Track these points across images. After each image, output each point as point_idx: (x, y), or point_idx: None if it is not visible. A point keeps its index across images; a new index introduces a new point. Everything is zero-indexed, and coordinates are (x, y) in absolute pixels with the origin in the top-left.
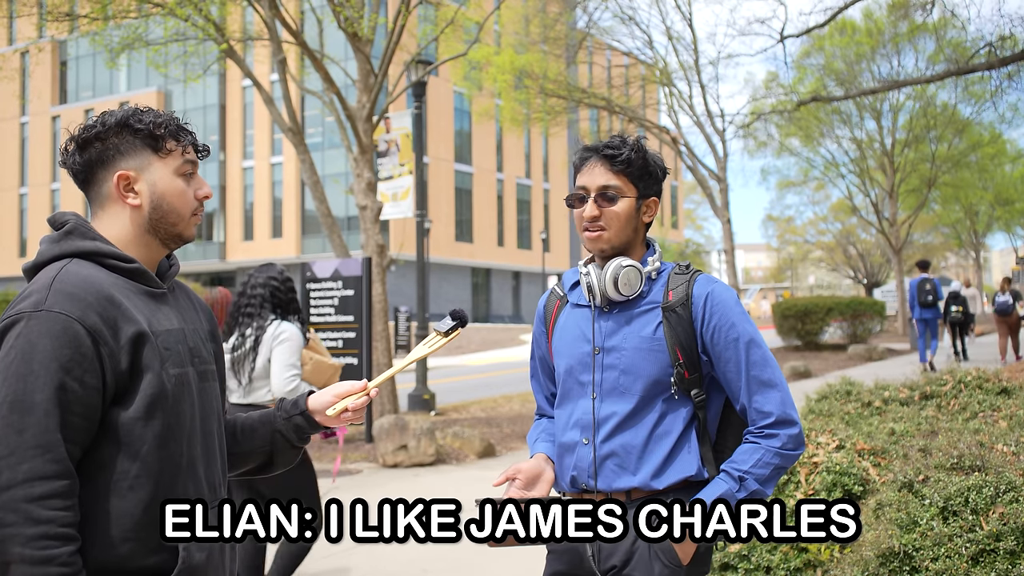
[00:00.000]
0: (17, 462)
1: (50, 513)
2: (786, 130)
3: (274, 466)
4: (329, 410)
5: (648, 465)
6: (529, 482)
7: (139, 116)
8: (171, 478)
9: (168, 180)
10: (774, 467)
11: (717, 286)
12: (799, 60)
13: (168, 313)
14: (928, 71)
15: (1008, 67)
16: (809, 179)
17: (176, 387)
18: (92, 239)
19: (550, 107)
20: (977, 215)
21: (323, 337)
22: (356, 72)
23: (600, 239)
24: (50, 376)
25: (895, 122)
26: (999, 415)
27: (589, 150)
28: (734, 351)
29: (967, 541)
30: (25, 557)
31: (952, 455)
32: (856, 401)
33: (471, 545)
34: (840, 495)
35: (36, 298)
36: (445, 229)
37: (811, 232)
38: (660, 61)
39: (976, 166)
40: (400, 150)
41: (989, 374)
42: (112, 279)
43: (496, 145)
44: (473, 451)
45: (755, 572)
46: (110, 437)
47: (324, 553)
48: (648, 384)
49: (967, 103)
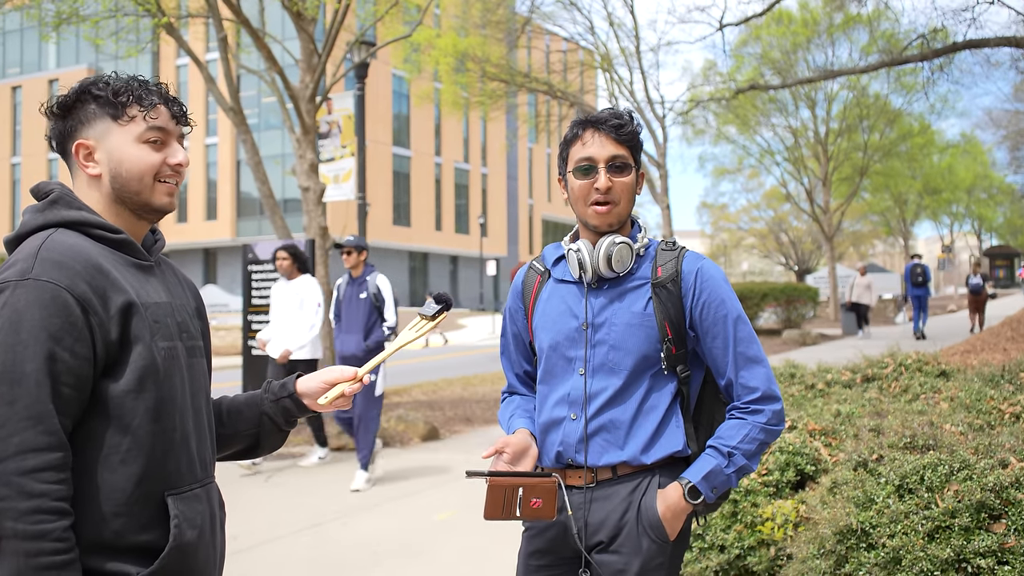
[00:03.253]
0: (8, 434)
1: (43, 486)
2: (723, 118)
3: (260, 449)
4: (321, 398)
5: (636, 440)
6: (516, 456)
7: (102, 82)
8: (163, 453)
9: (126, 147)
10: (760, 442)
11: (706, 263)
12: (737, 49)
13: (156, 286)
14: (862, 62)
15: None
16: (744, 167)
17: (166, 360)
18: (78, 209)
19: (491, 91)
20: (906, 203)
21: (264, 319)
22: (299, 52)
23: (611, 213)
24: (40, 346)
25: (829, 111)
26: (940, 396)
27: (589, 121)
28: (723, 327)
29: (923, 518)
30: (18, 532)
31: (905, 435)
32: (800, 384)
33: (420, 527)
34: (793, 474)
35: (22, 267)
36: (383, 213)
37: (744, 219)
38: (601, 47)
39: (906, 156)
40: (342, 132)
41: (928, 357)
42: (99, 249)
43: (435, 129)
44: (417, 434)
45: (709, 551)
46: (100, 410)
47: (271, 535)
48: (638, 359)
49: (899, 94)
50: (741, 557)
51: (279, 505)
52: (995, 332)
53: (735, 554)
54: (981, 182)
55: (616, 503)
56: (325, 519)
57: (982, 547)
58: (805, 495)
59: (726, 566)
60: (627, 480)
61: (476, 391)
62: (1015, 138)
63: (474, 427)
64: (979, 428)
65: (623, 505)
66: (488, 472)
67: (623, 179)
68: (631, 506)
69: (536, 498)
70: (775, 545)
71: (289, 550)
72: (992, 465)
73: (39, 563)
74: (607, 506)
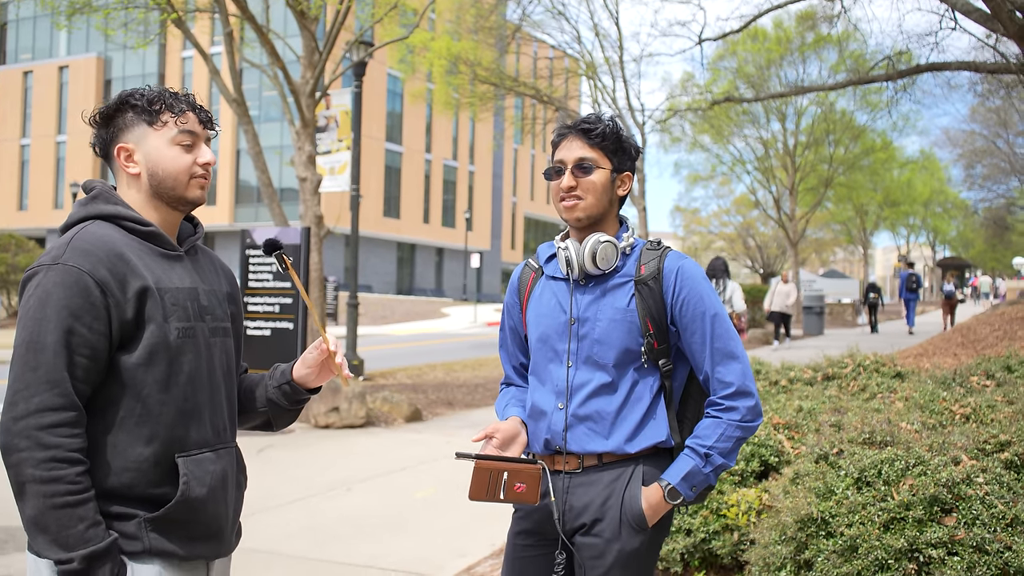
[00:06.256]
0: (31, 395)
1: (57, 439)
2: (699, 127)
3: (275, 425)
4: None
5: (621, 430)
6: (505, 442)
7: (138, 93)
8: (172, 419)
9: (161, 149)
10: (736, 439)
11: (687, 262)
12: (714, 62)
13: (181, 273)
14: (830, 80)
15: (903, 80)
16: (716, 174)
17: (179, 339)
18: (114, 204)
19: (481, 93)
20: (867, 214)
21: (260, 302)
22: (301, 49)
23: (576, 208)
24: (61, 321)
25: (798, 125)
26: (896, 396)
27: (567, 127)
28: (700, 323)
29: (879, 510)
30: (36, 477)
31: (864, 431)
32: (764, 380)
33: (404, 502)
34: (757, 465)
35: (55, 253)
36: (374, 205)
37: (715, 223)
38: (586, 56)
39: (868, 169)
40: (339, 126)
41: (885, 359)
42: (127, 239)
43: (426, 127)
44: (401, 415)
45: (676, 534)
46: (116, 379)
47: (258, 507)
48: (620, 353)
49: (864, 111)
50: (706, 541)
51: (268, 479)
52: (946, 338)
53: (700, 538)
54: (937, 197)
55: (599, 489)
56: (310, 493)
57: (934, 538)
58: (768, 484)
59: (692, 549)
60: (611, 468)
61: (458, 376)
62: (970, 157)
63: (456, 410)
64: (932, 427)
65: (606, 492)
66: (475, 455)
67: (589, 178)
68: (614, 493)
69: (520, 483)
70: (739, 530)
71: (276, 522)
72: (945, 462)
73: (55, 503)
74: (591, 491)
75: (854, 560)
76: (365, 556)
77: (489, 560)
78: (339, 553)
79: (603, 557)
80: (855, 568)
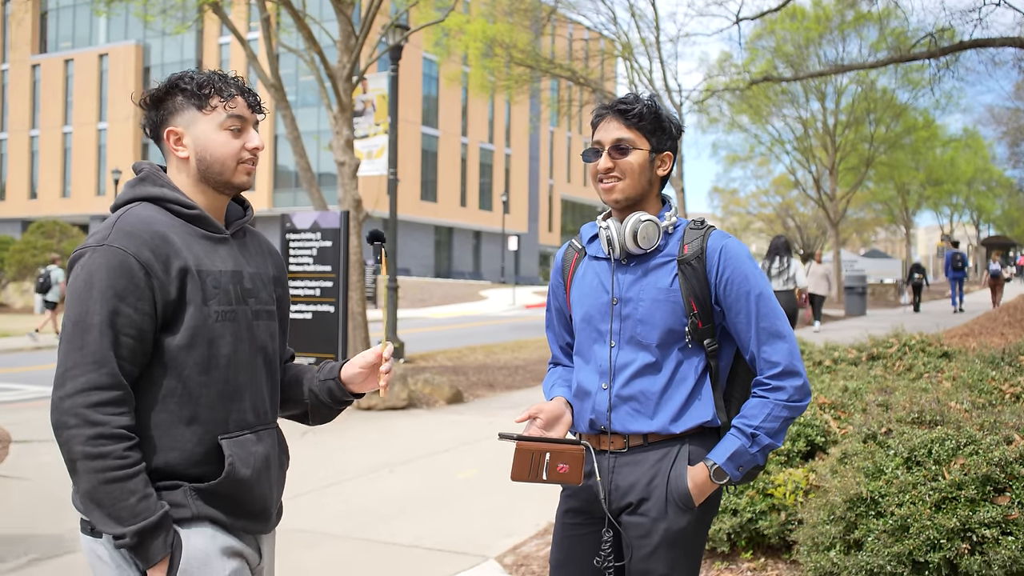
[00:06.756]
0: (78, 374)
1: (103, 417)
2: (737, 107)
3: (311, 419)
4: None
5: (666, 410)
6: (549, 422)
7: (188, 77)
8: (212, 400)
9: (210, 133)
10: (783, 419)
11: (731, 241)
12: (752, 42)
13: (224, 256)
14: (871, 58)
15: (945, 57)
16: (755, 154)
17: (219, 322)
18: (161, 186)
19: (516, 76)
20: (908, 194)
21: (301, 285)
22: (337, 33)
23: (614, 189)
24: (106, 301)
25: (838, 104)
26: (943, 376)
27: (604, 108)
28: (745, 303)
29: (930, 489)
30: (86, 454)
31: (913, 410)
32: (808, 360)
33: (446, 483)
34: (804, 445)
35: (101, 235)
36: (411, 188)
37: (753, 204)
38: (623, 36)
39: (910, 148)
40: (376, 110)
41: (931, 338)
42: (171, 221)
43: (462, 110)
44: (443, 397)
45: (723, 514)
46: (160, 360)
47: (303, 488)
48: (664, 333)
49: (905, 89)
50: (753, 521)
51: (312, 461)
52: (993, 317)
53: (747, 518)
54: (981, 175)
55: (645, 468)
56: (354, 475)
57: (987, 518)
58: (815, 464)
59: (738, 528)
60: (657, 447)
61: (498, 358)
62: (1015, 134)
63: (497, 392)
64: (982, 406)
65: (652, 471)
66: (518, 435)
67: (626, 159)
68: (659, 472)
69: (563, 463)
70: (786, 510)
71: (321, 502)
72: (997, 441)
73: (105, 477)
74: (637, 471)
75: (905, 540)
76: (410, 536)
77: (535, 540)
78: (384, 533)
79: (650, 536)
80: (906, 547)
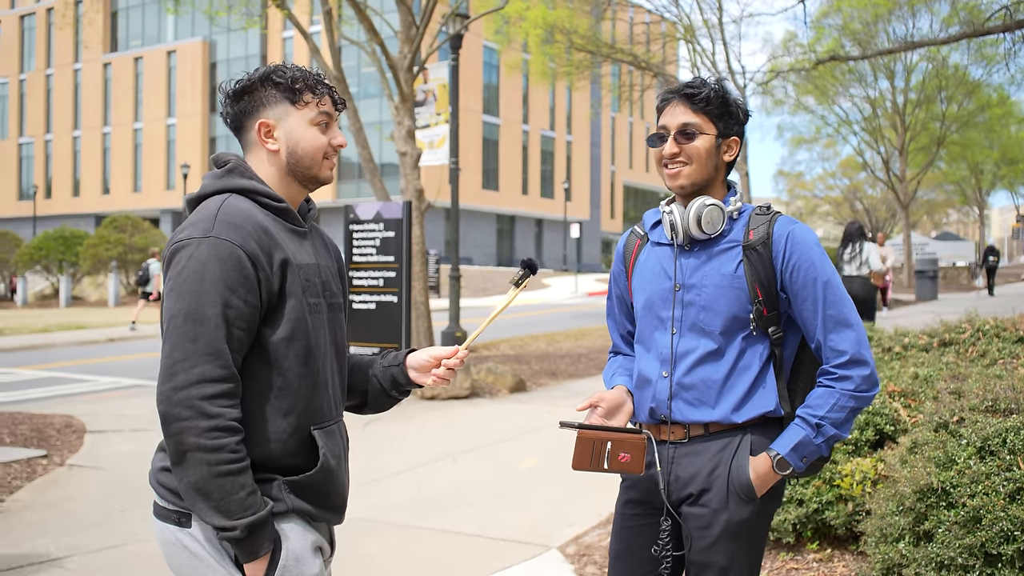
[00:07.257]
0: (192, 366)
1: (219, 409)
2: (803, 88)
3: (367, 407)
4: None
5: (728, 399)
6: (610, 411)
7: (281, 71)
8: (308, 393)
9: (303, 128)
10: (849, 409)
11: (798, 227)
12: (818, 20)
13: (307, 249)
14: (942, 33)
15: (1021, 30)
16: (821, 136)
17: (312, 314)
18: (249, 178)
19: (577, 62)
20: (982, 173)
21: (364, 276)
22: (398, 24)
23: (679, 175)
24: (218, 294)
25: (908, 82)
26: (1018, 362)
27: (671, 92)
28: (812, 290)
29: (1004, 480)
30: (200, 446)
31: (987, 398)
32: (877, 347)
33: (509, 472)
34: (872, 434)
35: (204, 226)
36: (473, 177)
37: (820, 187)
38: (684, 18)
39: (984, 126)
40: (437, 100)
41: (1007, 323)
42: (263, 214)
43: (523, 98)
44: (505, 386)
45: (788, 504)
46: (260, 352)
47: (368, 478)
48: (727, 320)
49: (978, 65)
50: (819, 511)
51: (376, 451)
52: None
53: (813, 508)
54: None
55: (707, 459)
56: (417, 464)
57: None
58: (884, 454)
59: (804, 519)
60: (719, 437)
61: (561, 347)
62: None
63: (559, 380)
64: None
65: (713, 461)
66: (579, 424)
67: (692, 144)
68: (721, 463)
69: (624, 452)
70: (853, 501)
71: (385, 492)
72: None
73: (219, 470)
74: (698, 461)
75: (977, 531)
76: (473, 525)
77: (597, 530)
78: (447, 522)
79: (710, 528)
80: (979, 539)
